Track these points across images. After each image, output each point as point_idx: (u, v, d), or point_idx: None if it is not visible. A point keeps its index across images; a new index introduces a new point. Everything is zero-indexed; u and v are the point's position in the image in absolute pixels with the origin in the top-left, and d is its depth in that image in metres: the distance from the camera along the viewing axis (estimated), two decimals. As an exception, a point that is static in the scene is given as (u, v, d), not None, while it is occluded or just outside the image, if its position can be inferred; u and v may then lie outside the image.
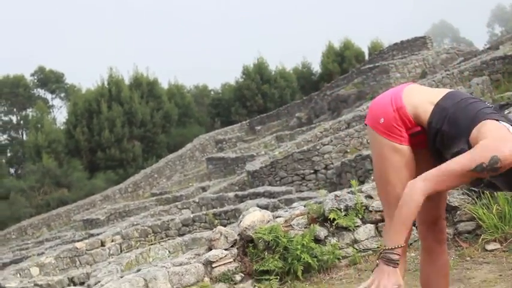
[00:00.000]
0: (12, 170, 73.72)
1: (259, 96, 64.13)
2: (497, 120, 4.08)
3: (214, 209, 22.88)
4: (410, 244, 7.85)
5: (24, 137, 75.01)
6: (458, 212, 7.67)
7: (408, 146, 4.41)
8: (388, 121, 4.36)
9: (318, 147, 26.63)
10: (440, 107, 4.31)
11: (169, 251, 15.40)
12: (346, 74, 51.43)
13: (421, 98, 4.42)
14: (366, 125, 4.65)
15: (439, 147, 4.39)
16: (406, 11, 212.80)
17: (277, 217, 8.00)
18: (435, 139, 4.34)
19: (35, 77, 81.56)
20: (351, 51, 62.54)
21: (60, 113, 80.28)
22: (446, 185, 4.07)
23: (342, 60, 61.59)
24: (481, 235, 7.47)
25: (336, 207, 7.76)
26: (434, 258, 4.81)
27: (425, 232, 4.79)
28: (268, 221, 7.76)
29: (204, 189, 33.57)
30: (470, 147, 4.08)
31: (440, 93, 4.45)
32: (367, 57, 59.44)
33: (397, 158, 4.41)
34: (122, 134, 59.79)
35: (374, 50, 59.67)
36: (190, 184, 39.98)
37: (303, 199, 15.01)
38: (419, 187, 4.05)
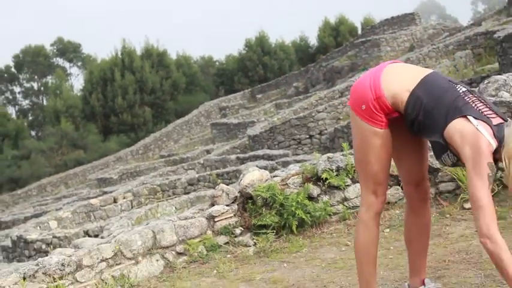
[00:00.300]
0: (33, 133, 73.69)
1: (260, 67, 63.99)
2: (465, 116, 4.13)
3: (218, 170, 22.96)
4: (395, 202, 7.90)
5: (45, 103, 74.90)
6: (439, 174, 7.69)
7: (387, 129, 4.47)
8: (368, 108, 4.39)
9: (313, 114, 26.62)
10: (415, 96, 4.32)
11: (175, 208, 15.46)
12: (341, 47, 51.26)
13: (399, 85, 4.40)
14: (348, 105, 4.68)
15: (416, 132, 4.46)
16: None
17: (274, 176, 8.02)
18: (412, 125, 4.40)
19: (54, 47, 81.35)
20: (345, 26, 62.28)
21: (77, 81, 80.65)
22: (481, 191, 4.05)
23: (337, 35, 61.33)
24: (460, 194, 7.49)
25: (329, 168, 7.78)
26: (418, 215, 4.89)
27: (410, 192, 4.86)
28: (266, 180, 7.78)
29: (208, 151, 33.59)
30: (444, 140, 4.22)
31: (416, 77, 4.44)
32: (360, 31, 59.11)
33: (377, 141, 4.47)
34: (133, 100, 59.74)
35: (366, 25, 59.38)
36: (196, 147, 39.97)
37: (298, 161, 15.04)
38: (490, 238, 3.99)
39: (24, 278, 6.38)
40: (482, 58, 28.59)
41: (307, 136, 26.38)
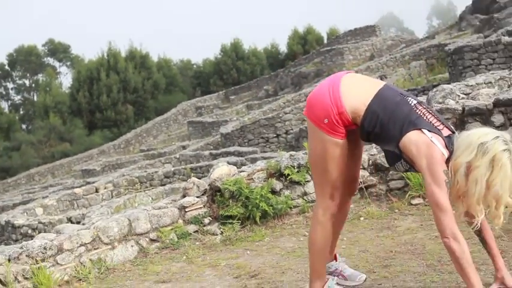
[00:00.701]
0: (24, 126, 73.15)
1: (234, 71, 63.96)
2: (419, 129, 4.19)
3: (192, 164, 22.90)
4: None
5: (35, 98, 74.32)
6: (390, 172, 7.77)
7: (345, 139, 4.49)
8: (331, 122, 4.36)
9: (280, 115, 26.69)
10: (372, 110, 4.33)
11: (152, 198, 15.43)
12: (308, 54, 51.41)
13: (357, 100, 4.39)
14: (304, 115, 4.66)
15: (372, 141, 4.58)
16: (361, 3, 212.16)
17: (241, 172, 8.04)
18: (368, 136, 4.44)
19: (46, 48, 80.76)
20: (313, 35, 62.49)
21: (66, 79, 79.58)
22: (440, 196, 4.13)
23: (305, 43, 61.50)
24: (408, 191, 7.56)
25: (291, 165, 7.82)
26: (342, 207, 4.94)
27: (343, 188, 4.84)
28: (234, 175, 7.80)
29: (184, 147, 33.48)
30: (400, 150, 4.28)
31: (371, 90, 4.43)
32: (325, 41, 59.27)
33: (337, 150, 4.47)
34: (117, 98, 59.59)
35: (332, 35, 59.61)
36: (173, 143, 39.87)
37: (266, 158, 15.06)
38: (455, 238, 4.08)
39: (9, 260, 6.37)
40: (434, 68, 28.84)
41: (275, 135, 26.45)
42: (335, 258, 5.09)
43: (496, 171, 4.03)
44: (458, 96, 8.25)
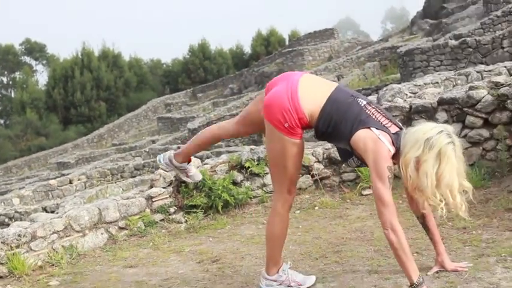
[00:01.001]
0: (1, 121, 72.33)
1: (201, 70, 63.69)
2: (369, 127, 4.26)
3: (161, 158, 22.85)
4: (306, 189, 8.01)
5: (12, 95, 73.44)
6: (343, 165, 7.84)
7: (302, 138, 4.56)
8: (291, 126, 4.39)
9: (244, 112, 26.66)
10: (326, 112, 4.38)
11: (122, 189, 15.34)
12: (270, 55, 51.31)
13: (313, 103, 4.42)
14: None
15: (325, 139, 4.68)
16: (321, 7, 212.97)
17: (205, 164, 8.04)
18: (322, 135, 4.51)
19: (23, 47, 79.72)
20: (275, 37, 62.45)
21: (42, 77, 78.72)
22: (383, 191, 4.21)
23: (268, 44, 61.43)
24: (359, 183, 7.64)
25: (251, 158, 7.85)
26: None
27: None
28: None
29: (153, 141, 33.40)
30: (350, 147, 4.36)
31: (325, 93, 4.47)
32: (287, 42, 59.21)
33: (295, 149, 4.52)
34: (90, 95, 59.17)
35: (293, 37, 59.58)
36: (143, 137, 39.75)
37: (230, 152, 15.08)
38: (394, 230, 4.17)
39: (-15, 246, 6.33)
40: (387, 69, 29.05)
41: (240, 130, 26.44)
42: (189, 161, 5.44)
43: (443, 163, 4.14)
44: (406, 95, 8.35)
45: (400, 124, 4.51)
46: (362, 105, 4.39)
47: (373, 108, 4.41)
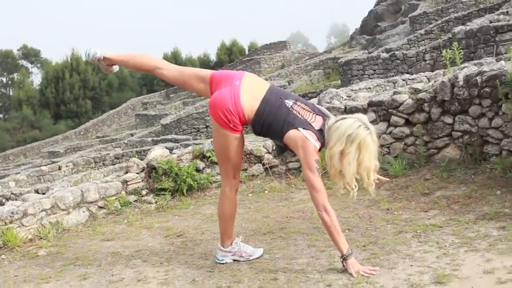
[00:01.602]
0: (1, 116, 71.13)
1: (174, 74, 63.24)
2: (295, 126, 4.35)
3: (137, 148, 22.72)
4: (257, 175, 8.04)
5: (11, 93, 72.22)
6: (289, 156, 7.87)
7: (242, 133, 4.64)
8: (234, 124, 4.46)
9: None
10: (259, 114, 4.46)
11: (104, 175, 15.10)
12: (232, 62, 51.43)
13: (251, 106, 4.47)
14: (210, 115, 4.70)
15: (263, 136, 4.73)
16: (276, 22, 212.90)
17: (172, 153, 8.02)
18: (259, 133, 4.61)
19: (20, 52, 78.24)
20: (237, 47, 62.35)
21: (36, 78, 77.00)
22: (314, 179, 4.29)
23: (230, 53, 61.31)
24: (302, 171, 7.71)
25: (211, 149, 7.83)
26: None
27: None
28: (166, 156, 7.78)
29: (132, 135, 33.09)
30: (284, 144, 4.46)
31: (258, 96, 4.51)
32: (247, 52, 59.25)
33: (236, 142, 4.59)
34: (78, 94, 58.47)
35: (252, 47, 59.57)
36: (123, 131, 39.42)
37: (196, 144, 15.04)
38: (326, 211, 4.27)
39: (-19, 222, 6.28)
40: (330, 76, 29.19)
41: (204, 126, 26.43)
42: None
43: (363, 152, 4.23)
44: (343, 97, 8.40)
45: (326, 112, 4.58)
46: (289, 106, 4.45)
47: (299, 106, 4.47)
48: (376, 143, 4.34)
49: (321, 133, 4.36)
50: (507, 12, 17.73)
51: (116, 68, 5.23)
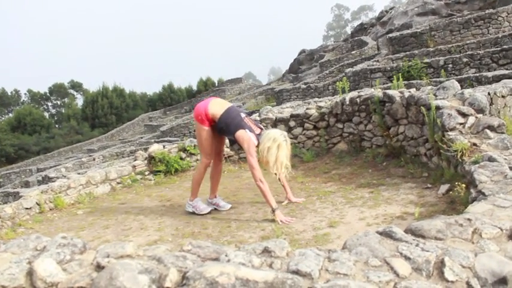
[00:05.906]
0: (56, 125, 68.81)
1: (169, 99, 62.05)
2: (243, 128, 4.43)
3: (144, 146, 22.34)
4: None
5: (63, 111, 69.94)
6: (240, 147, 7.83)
7: (210, 128, 4.62)
8: (203, 119, 4.51)
9: (191, 121, 26.31)
10: (222, 119, 4.51)
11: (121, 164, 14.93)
12: (207, 91, 51.00)
13: (216, 111, 4.53)
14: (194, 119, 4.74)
15: (222, 133, 4.70)
16: (235, 65, 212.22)
17: (165, 148, 7.91)
18: (220, 131, 4.62)
19: (69, 84, 76.03)
20: (210, 81, 61.35)
21: (79, 101, 74.89)
22: (253, 162, 4.29)
23: (206, 85, 60.40)
24: (249, 159, 7.68)
25: (190, 145, 7.75)
26: (216, 167, 5.04)
27: (215, 157, 4.94)
28: (161, 149, 7.68)
29: (142, 137, 32.55)
30: (235, 137, 4.46)
31: (223, 108, 4.56)
32: (216, 84, 58.82)
33: (205, 133, 4.60)
34: (106, 112, 57.05)
35: (220, 81, 58.80)
36: (136, 136, 38.68)
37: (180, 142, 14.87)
38: (261, 181, 4.26)
39: (41, 192, 6.13)
40: (269, 99, 29.14)
41: (188, 132, 26.04)
42: (215, 196, 5.09)
43: (280, 150, 4.36)
44: (275, 112, 8.39)
45: (262, 126, 4.66)
46: (242, 117, 4.55)
47: (248, 119, 4.61)
48: (289, 149, 4.47)
49: (258, 136, 4.45)
50: (377, 60, 18.05)
51: (227, 205, 5.02)
